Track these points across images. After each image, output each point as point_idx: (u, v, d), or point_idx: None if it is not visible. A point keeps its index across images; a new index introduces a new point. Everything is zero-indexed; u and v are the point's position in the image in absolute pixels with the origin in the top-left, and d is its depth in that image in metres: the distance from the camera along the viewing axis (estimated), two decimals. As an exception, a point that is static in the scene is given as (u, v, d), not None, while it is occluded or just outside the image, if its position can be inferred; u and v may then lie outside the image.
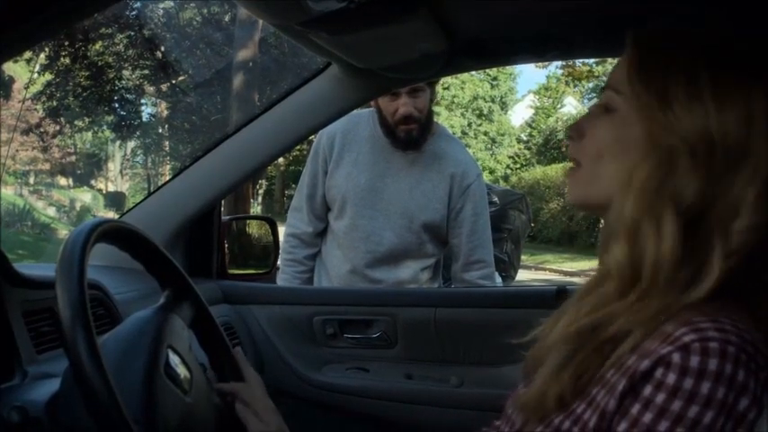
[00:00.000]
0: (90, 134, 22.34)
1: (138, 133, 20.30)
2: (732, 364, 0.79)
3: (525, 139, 26.86)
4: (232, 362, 1.32)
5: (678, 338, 0.81)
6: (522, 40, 1.67)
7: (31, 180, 21.19)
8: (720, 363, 0.79)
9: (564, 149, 23.05)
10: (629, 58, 0.96)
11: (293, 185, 24.57)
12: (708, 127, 0.88)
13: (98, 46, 16.16)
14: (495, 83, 25.79)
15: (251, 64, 14.18)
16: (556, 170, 18.74)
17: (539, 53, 1.83)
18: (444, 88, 23.55)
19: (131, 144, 23.00)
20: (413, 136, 2.38)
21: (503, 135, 25.68)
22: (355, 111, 2.47)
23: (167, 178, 2.95)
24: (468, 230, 2.43)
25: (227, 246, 2.17)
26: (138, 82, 17.42)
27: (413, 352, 2.00)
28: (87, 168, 25.42)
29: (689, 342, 0.80)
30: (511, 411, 1.03)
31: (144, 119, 20.31)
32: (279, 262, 2.51)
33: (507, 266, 4.09)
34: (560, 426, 0.89)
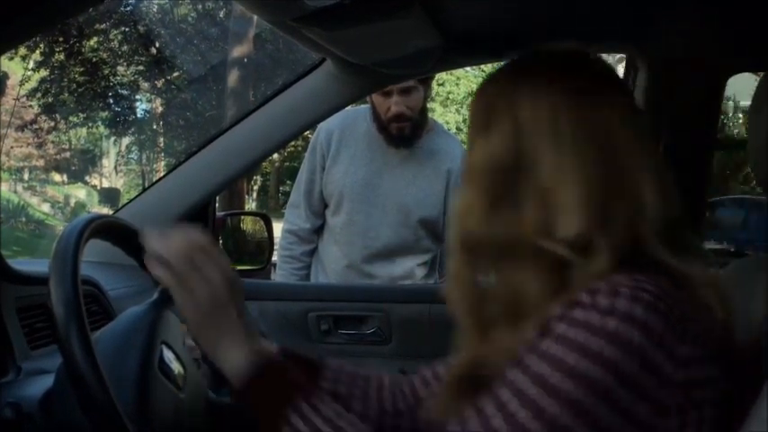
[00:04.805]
0: (84, 130, 22.24)
1: (132, 129, 20.23)
2: (643, 308, 0.77)
3: (520, 135, 26.83)
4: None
5: (589, 287, 0.81)
6: (516, 36, 1.67)
7: (26, 176, 21.08)
8: (630, 304, 0.77)
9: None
10: None
11: (288, 181, 24.53)
12: (483, 157, 0.92)
13: (93, 42, 16.10)
14: (490, 79, 25.73)
15: (246, 60, 14.15)
16: (550, 166, 18.72)
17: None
18: (439, 84, 23.49)
19: (126, 140, 22.89)
20: (404, 133, 2.39)
21: (498, 131, 25.62)
22: (353, 107, 2.47)
23: (162, 174, 2.94)
24: None
25: (221, 242, 2.17)
26: (132, 78, 17.35)
27: (407, 348, 2.00)
28: (82, 164, 25.28)
29: (598, 288, 0.80)
30: None
31: (139, 115, 20.23)
32: (275, 258, 2.51)
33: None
34: None
